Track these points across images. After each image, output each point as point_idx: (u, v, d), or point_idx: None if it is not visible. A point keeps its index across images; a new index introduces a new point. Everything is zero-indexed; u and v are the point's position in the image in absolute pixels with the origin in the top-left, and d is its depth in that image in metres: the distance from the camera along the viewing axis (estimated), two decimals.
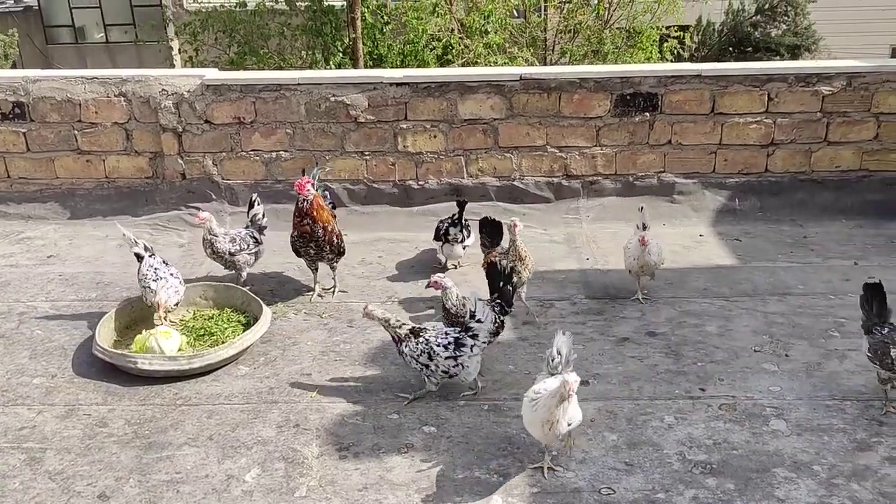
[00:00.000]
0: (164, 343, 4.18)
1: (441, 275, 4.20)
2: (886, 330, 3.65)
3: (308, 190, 4.78)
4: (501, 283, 3.96)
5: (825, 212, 6.18)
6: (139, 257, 4.59)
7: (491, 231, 4.95)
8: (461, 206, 5.38)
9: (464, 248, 5.37)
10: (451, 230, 5.29)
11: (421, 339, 3.79)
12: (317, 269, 5.07)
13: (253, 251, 5.07)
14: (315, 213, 4.81)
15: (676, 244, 5.80)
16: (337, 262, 5.06)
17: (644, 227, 4.82)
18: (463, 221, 5.33)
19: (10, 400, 3.99)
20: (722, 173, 6.31)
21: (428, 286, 4.14)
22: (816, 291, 5.01)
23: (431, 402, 3.89)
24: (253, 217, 5.19)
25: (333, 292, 5.10)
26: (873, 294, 3.75)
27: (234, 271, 5.08)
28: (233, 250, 4.95)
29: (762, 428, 3.67)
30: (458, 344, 3.76)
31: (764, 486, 3.30)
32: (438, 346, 3.75)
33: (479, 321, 3.81)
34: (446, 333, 3.82)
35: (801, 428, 3.66)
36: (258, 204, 5.24)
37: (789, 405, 3.82)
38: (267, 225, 5.21)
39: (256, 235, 5.11)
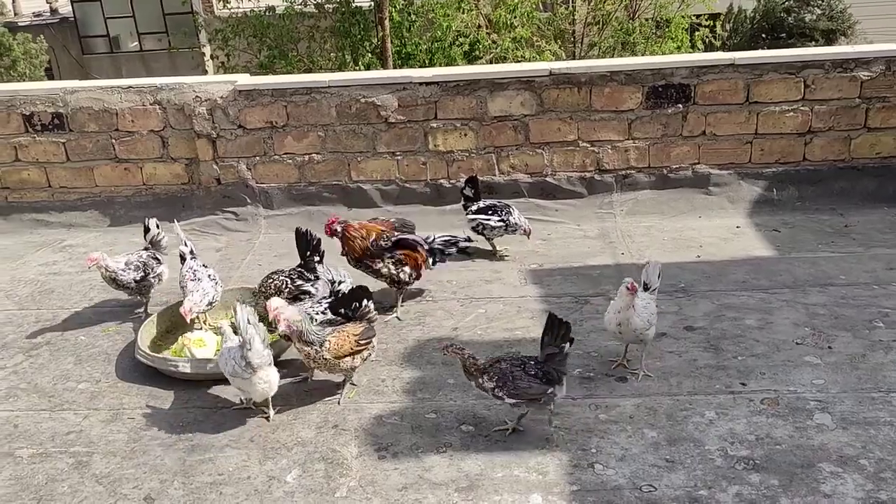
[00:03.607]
0: (198, 353, 4.24)
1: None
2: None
3: (334, 230, 4.68)
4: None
5: (866, 200, 6.04)
6: (182, 258, 4.67)
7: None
8: (469, 184, 5.64)
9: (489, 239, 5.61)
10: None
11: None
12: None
13: (157, 272, 4.83)
14: (347, 246, 4.70)
15: (713, 236, 5.73)
16: (396, 287, 4.81)
17: (645, 287, 4.01)
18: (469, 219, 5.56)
19: (57, 405, 4.08)
20: (758, 163, 6.21)
21: None
22: (859, 282, 4.90)
23: (468, 402, 3.89)
24: (152, 239, 4.95)
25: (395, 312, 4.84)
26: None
27: (138, 297, 4.88)
28: (138, 277, 4.72)
29: (806, 422, 3.60)
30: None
31: (809, 481, 3.24)
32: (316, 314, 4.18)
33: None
34: (318, 302, 4.31)
35: (847, 422, 3.58)
36: (156, 227, 4.97)
37: (834, 398, 3.75)
38: (166, 245, 4.99)
39: (159, 256, 4.91)
